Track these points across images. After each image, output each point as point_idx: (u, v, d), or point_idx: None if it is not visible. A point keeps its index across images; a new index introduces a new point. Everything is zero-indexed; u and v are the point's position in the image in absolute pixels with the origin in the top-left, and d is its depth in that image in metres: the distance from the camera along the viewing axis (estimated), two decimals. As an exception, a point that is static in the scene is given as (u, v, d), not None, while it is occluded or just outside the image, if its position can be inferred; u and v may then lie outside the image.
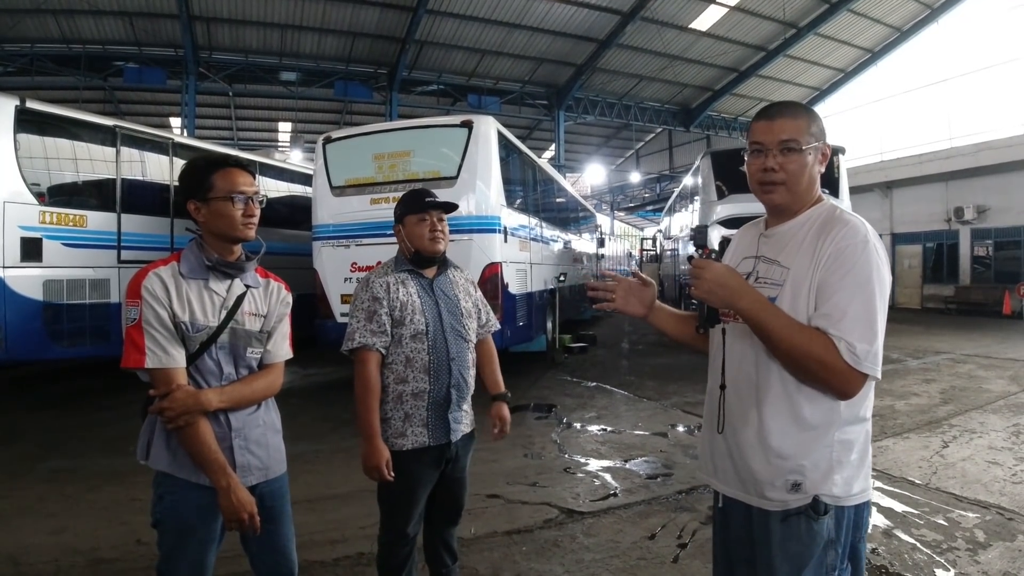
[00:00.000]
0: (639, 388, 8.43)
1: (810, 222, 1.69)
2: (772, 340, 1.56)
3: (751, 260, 1.81)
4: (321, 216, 8.18)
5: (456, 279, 2.77)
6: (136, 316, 1.88)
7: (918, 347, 11.93)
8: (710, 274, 1.59)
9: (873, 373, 1.49)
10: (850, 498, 1.61)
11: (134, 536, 3.74)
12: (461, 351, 2.62)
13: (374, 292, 2.51)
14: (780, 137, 1.67)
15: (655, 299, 1.99)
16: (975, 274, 20.76)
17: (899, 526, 3.88)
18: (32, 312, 7.07)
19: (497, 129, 7.98)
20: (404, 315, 2.50)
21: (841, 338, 1.48)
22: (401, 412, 2.52)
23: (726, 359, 1.80)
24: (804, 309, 1.59)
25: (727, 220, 10.48)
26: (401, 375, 2.51)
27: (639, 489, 4.65)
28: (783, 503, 1.63)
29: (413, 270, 2.62)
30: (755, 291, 1.61)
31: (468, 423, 2.71)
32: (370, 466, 2.44)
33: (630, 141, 39.37)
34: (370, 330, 2.47)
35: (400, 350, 2.51)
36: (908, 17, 24.73)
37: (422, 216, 2.58)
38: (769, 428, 1.65)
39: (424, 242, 2.59)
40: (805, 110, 1.73)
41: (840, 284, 1.53)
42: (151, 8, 18.82)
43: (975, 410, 6.91)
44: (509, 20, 21.44)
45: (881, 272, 1.54)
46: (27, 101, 7.18)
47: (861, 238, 1.55)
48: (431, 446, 2.53)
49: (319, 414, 6.97)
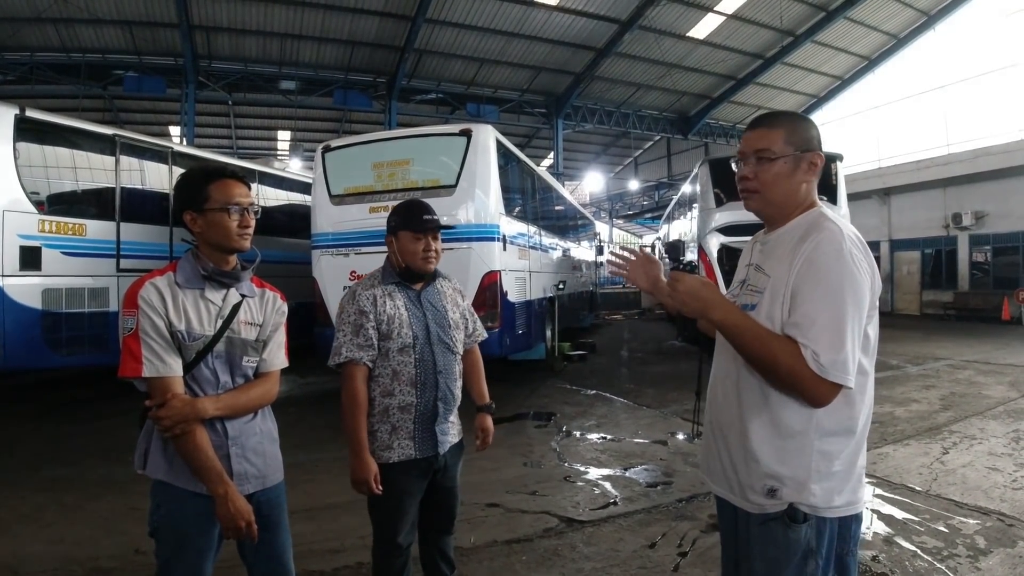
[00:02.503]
0: (639, 396, 8.42)
1: (796, 229, 1.72)
2: (743, 349, 1.60)
3: (747, 267, 1.86)
4: (320, 225, 8.19)
5: (444, 289, 2.74)
6: (133, 326, 1.90)
7: (917, 353, 11.92)
8: (683, 286, 1.65)
9: (842, 382, 1.50)
10: (831, 509, 1.62)
11: (133, 546, 3.71)
12: (448, 363, 2.61)
13: (360, 305, 2.49)
14: (755, 147, 1.73)
15: (659, 277, 2.03)
16: (974, 280, 20.79)
17: (900, 533, 3.87)
18: (31, 321, 7.07)
19: (496, 138, 7.99)
20: (391, 328, 2.49)
21: (808, 346, 1.50)
22: (388, 425, 2.51)
23: (713, 364, 1.88)
24: (779, 316, 1.62)
25: (725, 227, 10.50)
26: (388, 388, 2.51)
27: (639, 497, 4.64)
28: (760, 507, 1.66)
29: (401, 282, 2.61)
30: (728, 302, 1.66)
31: (456, 433, 2.70)
32: (358, 480, 2.44)
33: (628, 149, 39.49)
34: (357, 344, 2.46)
35: (387, 363, 2.50)
36: (905, 24, 24.81)
37: (417, 236, 2.56)
38: (749, 433, 1.68)
39: (416, 260, 2.57)
40: (788, 120, 1.77)
41: (811, 293, 1.55)
42: (151, 17, 18.85)
43: (975, 416, 6.90)
44: (508, 29, 21.49)
45: (856, 280, 1.54)
46: (27, 110, 7.22)
47: (836, 246, 1.57)
48: (418, 459, 2.53)
49: (318, 423, 6.95)
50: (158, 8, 18.42)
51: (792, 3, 21.87)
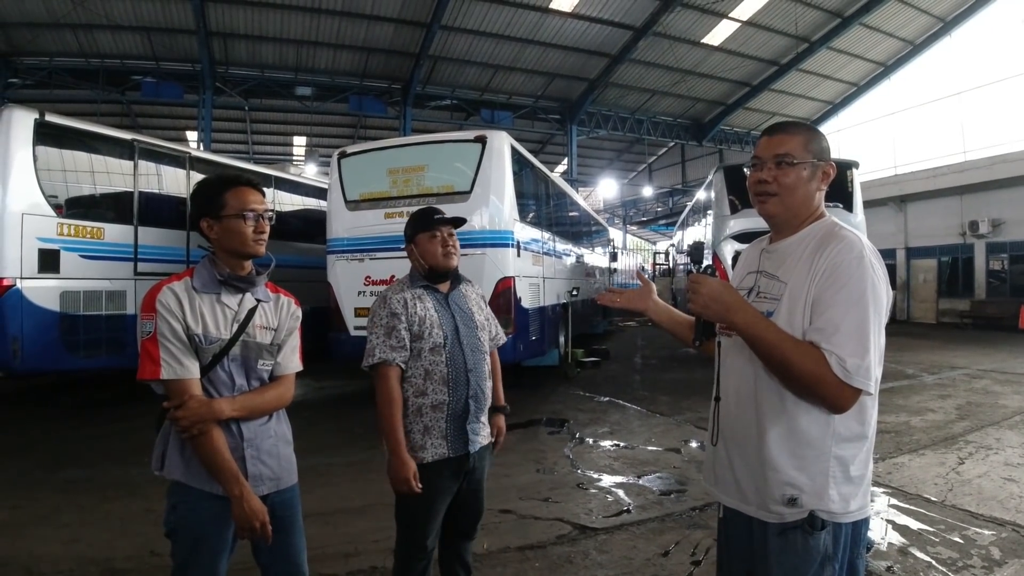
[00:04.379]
0: (652, 403, 8.39)
1: (809, 237, 1.73)
2: (766, 354, 1.60)
3: (754, 275, 1.86)
4: (335, 230, 8.23)
5: (468, 293, 2.83)
6: (151, 329, 1.94)
7: (934, 362, 11.80)
8: (706, 289, 1.64)
9: (864, 387, 1.51)
10: (848, 515, 1.63)
11: (148, 547, 3.74)
12: (478, 363, 2.65)
13: (392, 308, 2.54)
14: (775, 151, 1.74)
15: (653, 296, 2.12)
16: (990, 288, 20.58)
17: (915, 543, 3.83)
18: (48, 323, 7.14)
19: (510, 144, 8.01)
20: (423, 329, 2.54)
21: (832, 352, 1.51)
22: (420, 425, 2.54)
23: (722, 372, 1.87)
24: (800, 323, 1.62)
25: (740, 234, 10.45)
26: (420, 388, 2.54)
27: (652, 505, 4.62)
28: (780, 516, 1.66)
29: (428, 285, 2.67)
30: (749, 306, 1.65)
31: (486, 435, 2.72)
32: (399, 478, 2.45)
33: (642, 155, 39.40)
34: (389, 345, 2.50)
35: (419, 363, 2.54)
36: (921, 31, 24.67)
37: (433, 233, 2.64)
38: (767, 441, 1.68)
39: (438, 258, 2.63)
40: (806, 129, 1.79)
41: (834, 299, 1.56)
42: (169, 23, 19.10)
43: (991, 426, 6.82)
44: (522, 36, 21.59)
45: (876, 288, 1.56)
46: (46, 114, 7.28)
47: (856, 254, 1.58)
48: (451, 457, 2.55)
49: (332, 426, 6.95)
50: (176, 15, 18.67)
51: (807, 9, 21.83)
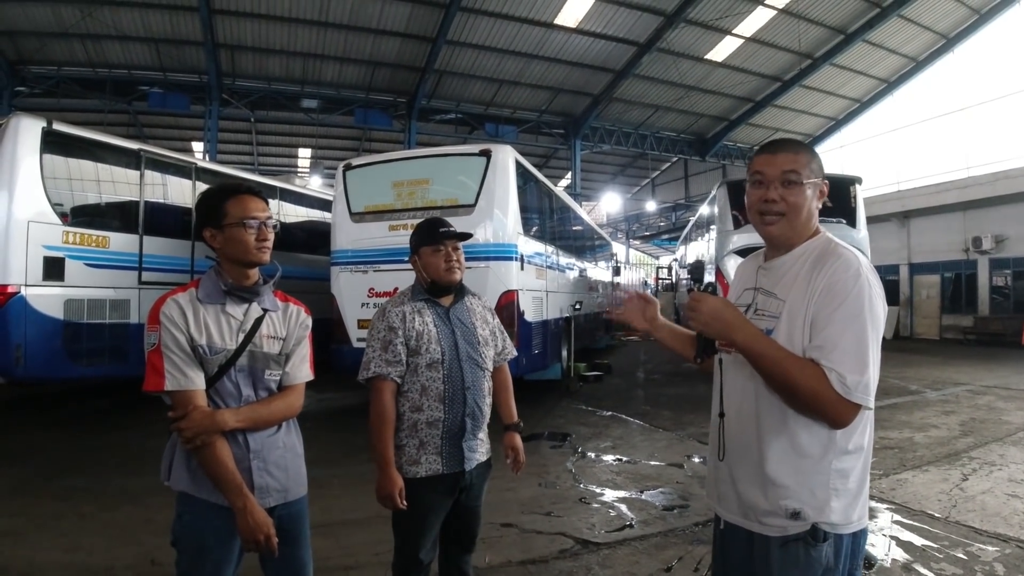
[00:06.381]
0: (655, 418, 8.37)
1: (806, 255, 1.73)
2: (766, 371, 1.61)
3: (751, 292, 1.87)
4: (340, 241, 8.26)
5: (473, 306, 2.79)
6: (155, 341, 1.95)
7: (937, 378, 11.78)
8: (706, 307, 1.65)
9: (864, 403, 1.53)
10: (848, 526, 1.65)
11: (148, 556, 3.74)
12: (476, 380, 2.63)
13: (390, 322, 2.54)
14: (782, 168, 1.72)
15: (656, 315, 2.11)
16: (994, 304, 20.57)
17: (918, 560, 3.81)
18: (52, 331, 7.13)
19: (515, 158, 8.04)
20: (420, 344, 2.53)
21: (832, 369, 1.52)
22: (416, 440, 2.53)
23: (724, 388, 1.87)
24: (800, 341, 1.63)
25: (743, 249, 10.44)
26: (416, 403, 2.53)
27: (655, 520, 4.61)
28: (782, 529, 1.67)
29: (430, 299, 2.65)
30: (750, 324, 1.66)
31: (484, 452, 2.70)
32: (383, 495, 2.46)
33: (646, 170, 39.46)
34: (385, 359, 2.50)
35: (416, 379, 2.53)
36: (924, 47, 24.73)
37: (437, 247, 2.62)
38: (768, 456, 1.69)
39: (440, 272, 2.62)
40: (806, 147, 1.80)
41: (832, 317, 1.57)
42: (177, 35, 19.23)
43: (995, 442, 6.80)
44: (527, 51, 21.68)
45: (873, 304, 1.57)
46: (53, 123, 7.32)
47: (853, 271, 1.60)
48: (445, 474, 2.54)
49: (334, 438, 6.97)
50: (184, 26, 18.79)
51: (810, 26, 21.90)
